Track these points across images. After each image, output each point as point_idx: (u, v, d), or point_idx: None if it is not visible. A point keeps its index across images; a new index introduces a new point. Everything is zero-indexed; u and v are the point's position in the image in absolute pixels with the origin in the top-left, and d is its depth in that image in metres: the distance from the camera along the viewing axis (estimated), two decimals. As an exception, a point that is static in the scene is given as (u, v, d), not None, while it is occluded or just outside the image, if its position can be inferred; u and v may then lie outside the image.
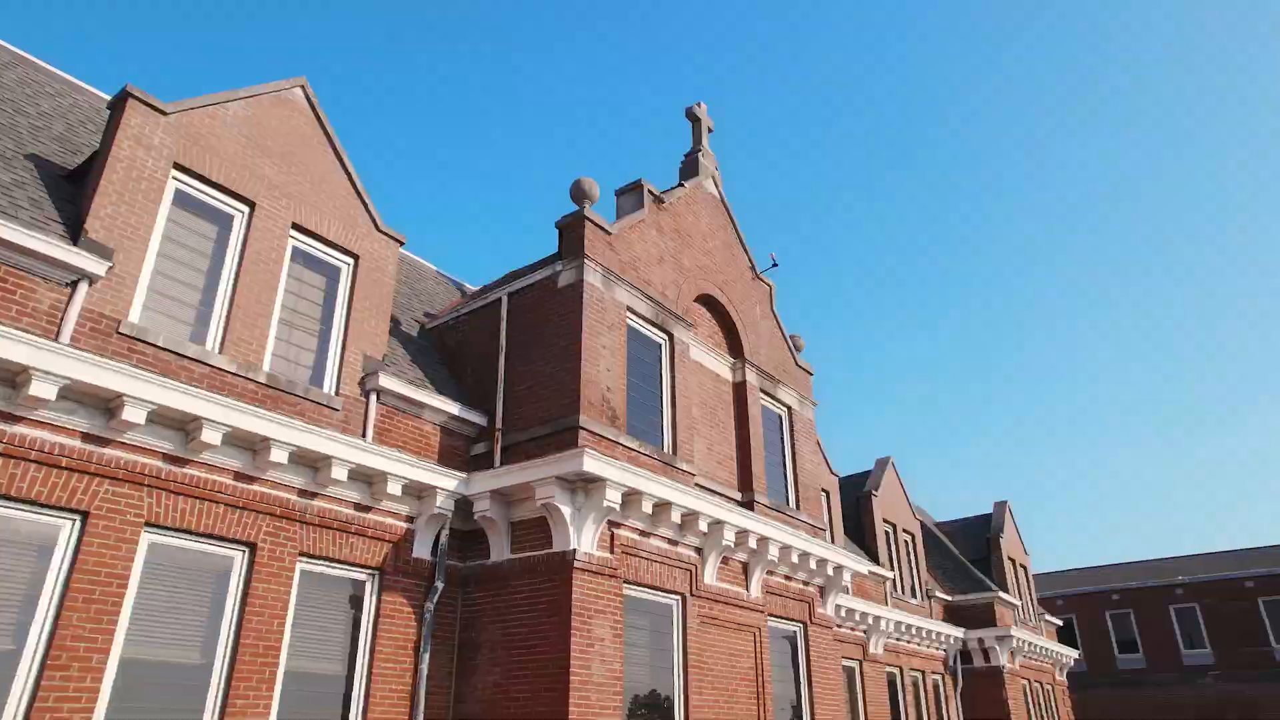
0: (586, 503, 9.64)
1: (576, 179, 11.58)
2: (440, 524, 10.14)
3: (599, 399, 10.41)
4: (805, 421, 15.18)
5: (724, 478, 12.86)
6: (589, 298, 10.78)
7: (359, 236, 10.61)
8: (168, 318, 8.45)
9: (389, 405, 10.26)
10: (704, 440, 12.69)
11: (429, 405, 10.58)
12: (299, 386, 9.25)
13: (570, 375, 10.36)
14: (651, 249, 12.42)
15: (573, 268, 10.98)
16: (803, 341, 15.83)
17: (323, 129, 10.62)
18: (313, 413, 9.35)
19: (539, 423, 10.47)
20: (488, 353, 11.66)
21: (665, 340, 12.21)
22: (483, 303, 12.05)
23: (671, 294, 12.55)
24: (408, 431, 10.42)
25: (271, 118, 10.03)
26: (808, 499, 14.44)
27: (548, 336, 10.89)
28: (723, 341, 14.02)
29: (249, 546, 8.36)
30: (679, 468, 11.41)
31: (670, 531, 10.84)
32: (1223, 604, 35.78)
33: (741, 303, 14.44)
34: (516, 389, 10.98)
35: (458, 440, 11.04)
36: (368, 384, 10.02)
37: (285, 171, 9.96)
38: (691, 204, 13.93)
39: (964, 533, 28.38)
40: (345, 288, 10.36)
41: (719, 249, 14.33)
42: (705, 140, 15.24)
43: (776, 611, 12.72)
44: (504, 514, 10.20)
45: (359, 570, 9.40)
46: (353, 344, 10.09)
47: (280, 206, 9.76)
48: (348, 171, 10.72)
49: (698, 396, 12.86)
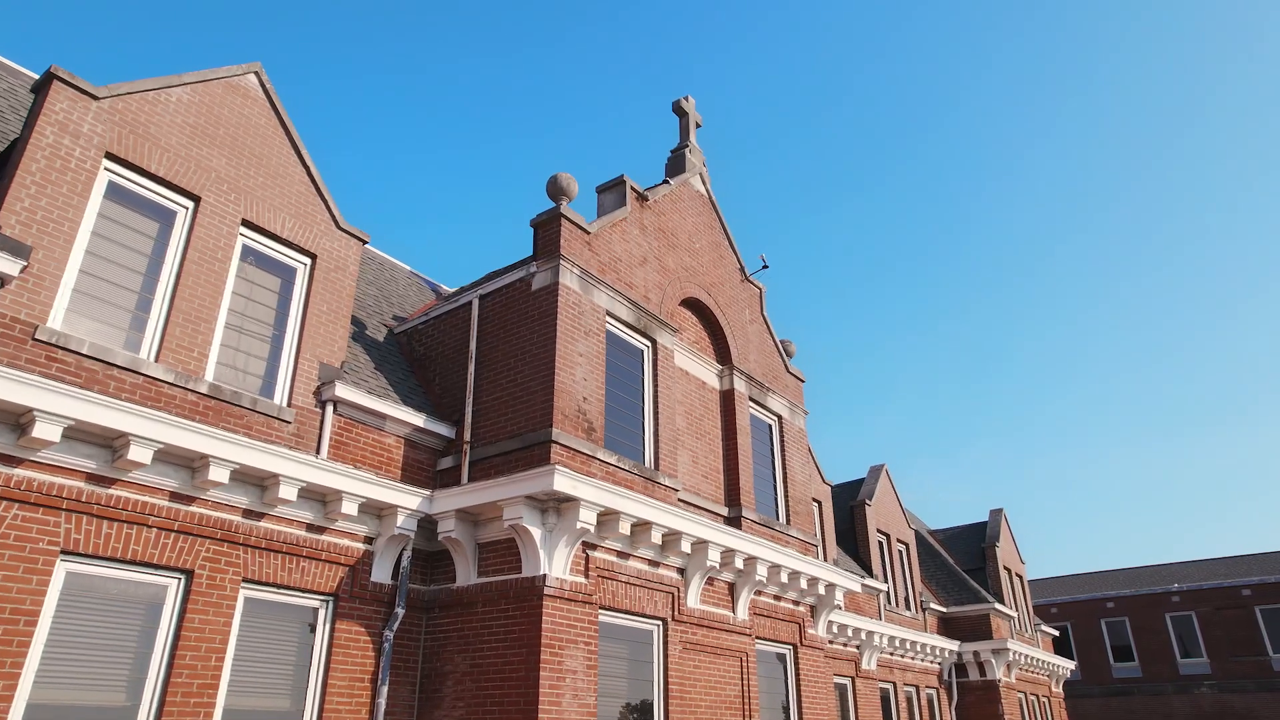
0: (559, 524, 8.92)
1: (554, 174, 10.87)
2: (402, 545, 9.41)
3: (574, 410, 9.69)
4: (796, 431, 14.49)
5: (710, 492, 12.16)
6: (565, 301, 10.07)
7: (317, 234, 9.87)
8: (96, 322, 7.70)
9: (347, 417, 9.52)
10: (689, 453, 11.99)
11: (391, 416, 9.85)
12: (246, 398, 8.51)
13: (543, 385, 9.65)
14: (634, 249, 11.71)
15: (547, 269, 10.26)
16: (794, 347, 15.15)
17: (279, 119, 9.88)
18: (261, 426, 8.61)
19: (509, 436, 9.75)
20: (457, 360, 10.93)
21: (647, 346, 11.50)
22: (453, 306, 11.32)
23: (655, 297, 11.84)
24: (367, 445, 9.69)
25: (222, 106, 9.29)
26: (798, 513, 13.75)
27: (520, 343, 10.17)
28: (709, 347, 13.32)
29: (185, 574, 7.62)
30: (661, 483, 10.70)
31: (651, 552, 10.14)
32: (1219, 612, 35.25)
33: (729, 306, 13.74)
34: (486, 399, 10.25)
35: (423, 454, 10.30)
36: (324, 394, 9.29)
37: (236, 164, 9.22)
38: (677, 202, 13.23)
39: (959, 541, 27.75)
40: (301, 290, 9.63)
41: (706, 250, 13.63)
42: (693, 135, 14.54)
43: (765, 634, 12.03)
44: (470, 534, 9.47)
45: (311, 596, 8.66)
46: (308, 351, 9.35)
47: (229, 202, 9.01)
48: (306, 165, 9.98)
49: (682, 406, 12.16)
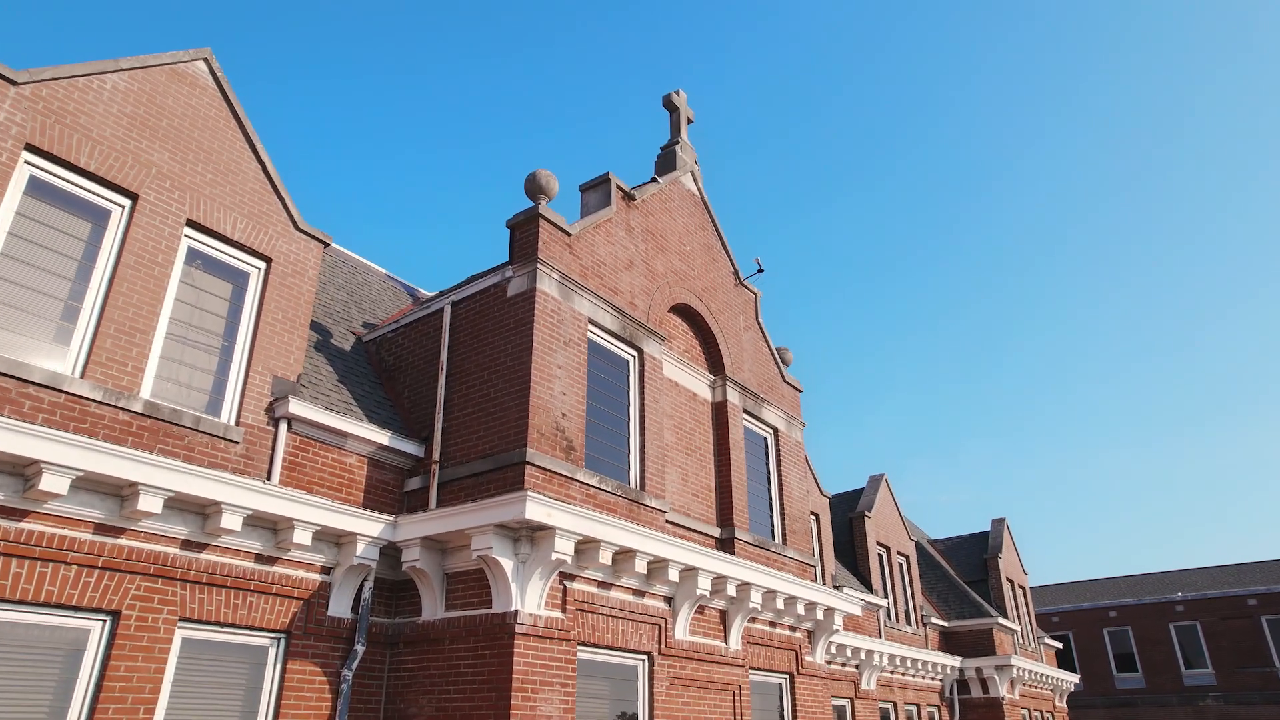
0: (533, 554, 8.14)
1: (532, 172, 10.09)
2: (362, 575, 8.63)
3: (551, 428, 8.91)
4: (793, 444, 13.72)
5: (701, 512, 11.38)
6: (542, 309, 9.28)
7: (273, 236, 9.08)
8: (11, 334, 6.90)
9: (303, 435, 8.73)
10: (678, 470, 11.21)
11: (352, 435, 9.06)
12: (187, 416, 7.71)
13: (517, 400, 8.86)
14: (619, 252, 10.93)
15: (524, 274, 9.48)
16: (791, 355, 14.38)
17: (231, 110, 9.09)
18: (205, 447, 7.81)
19: (480, 455, 8.96)
20: (427, 371, 10.15)
21: (634, 357, 10.72)
22: (424, 313, 10.53)
23: (642, 304, 11.06)
24: (326, 466, 8.89)
25: (165, 95, 8.50)
26: (795, 532, 12.98)
27: (494, 354, 9.38)
28: (701, 356, 12.54)
29: (110, 615, 6.82)
30: (647, 505, 9.92)
31: (636, 581, 9.36)
32: (1224, 622, 34.53)
33: (722, 313, 12.97)
34: (458, 414, 9.47)
35: (389, 474, 9.51)
36: (277, 411, 8.50)
37: (181, 159, 8.43)
38: (667, 202, 12.45)
39: (960, 551, 27.01)
40: (254, 296, 8.84)
41: (698, 252, 12.85)
42: (684, 131, 13.76)
43: (760, 664, 11.25)
44: (438, 564, 8.69)
45: (260, 634, 7.86)
46: (260, 363, 8.56)
47: (172, 200, 8.22)
48: (261, 160, 9.19)
49: (671, 420, 11.38)
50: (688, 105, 14.06)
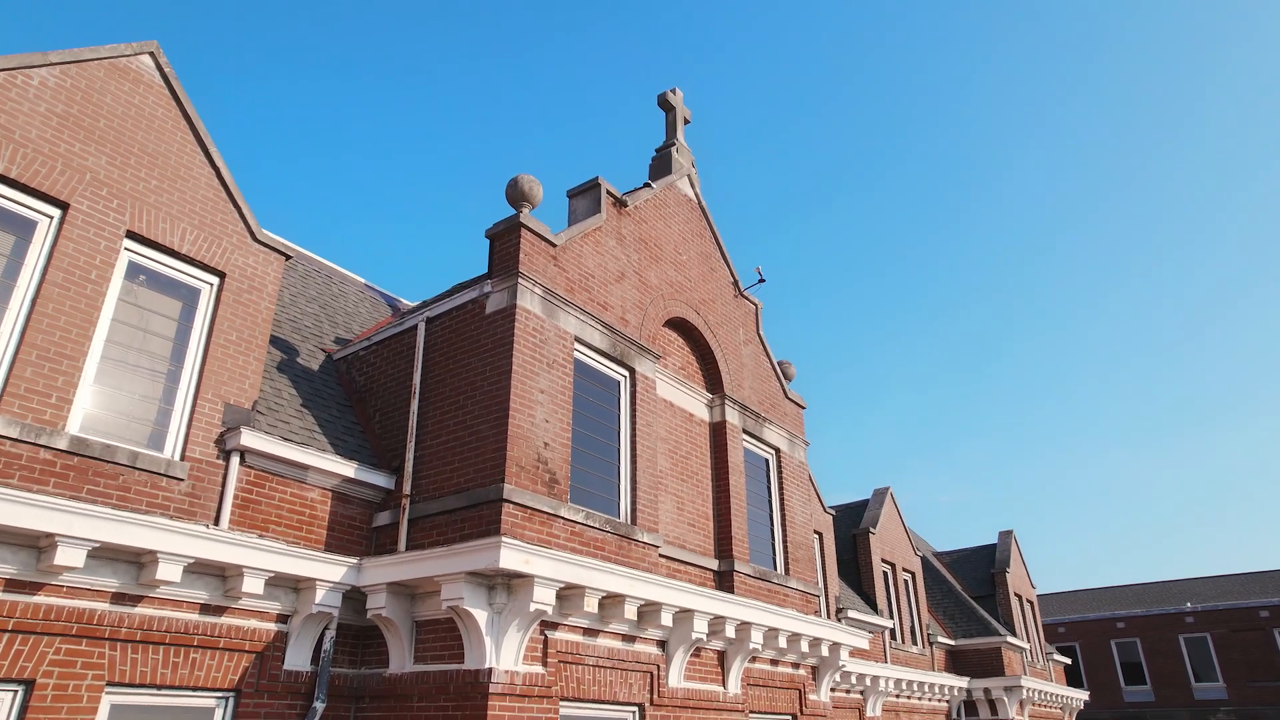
0: (510, 604, 7.33)
1: (514, 177, 9.28)
2: (324, 623, 7.81)
3: (531, 460, 8.09)
4: (796, 465, 12.90)
5: (697, 543, 10.56)
6: (523, 328, 8.47)
7: (227, 248, 8.26)
8: (-87, 365, 6.09)
9: (258, 469, 7.91)
10: (672, 498, 10.39)
11: (314, 467, 8.24)
12: (122, 452, 6.90)
13: (495, 429, 8.05)
14: (609, 263, 10.12)
15: (503, 289, 8.66)
16: (794, 369, 13.56)
17: (181, 109, 8.27)
18: (143, 487, 7.00)
19: (455, 490, 8.15)
20: (399, 394, 9.33)
21: (625, 377, 9.90)
22: (397, 330, 9.72)
23: (634, 319, 10.24)
24: (284, 502, 8.08)
25: (104, 93, 7.68)
26: (798, 560, 12.16)
27: (470, 377, 8.57)
28: (698, 373, 11.73)
29: (23, 685, 6.01)
30: (638, 540, 9.10)
31: (626, 627, 8.54)
32: (1236, 634, 33.71)
33: (721, 326, 12.15)
34: (431, 443, 8.65)
35: (355, 509, 8.70)
36: (228, 442, 7.68)
37: (121, 164, 7.61)
38: (661, 207, 11.63)
39: (966, 565, 26.20)
40: (205, 315, 8.02)
41: (694, 261, 12.03)
42: (680, 133, 12.94)
43: (760, 706, 10.44)
44: (406, 611, 7.87)
45: (204, 695, 7.04)
46: (211, 390, 7.74)
47: (109, 210, 7.41)
48: (215, 165, 8.38)
49: (666, 444, 10.56)
50: (684, 105, 13.24)
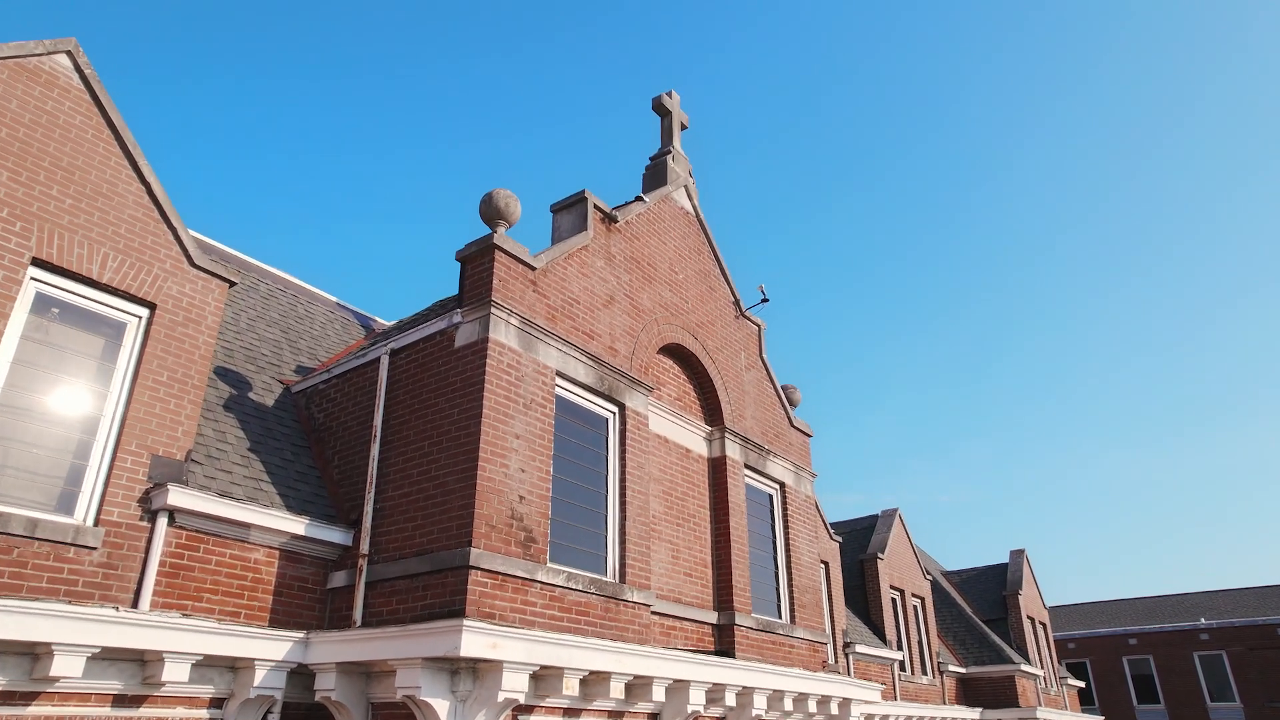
0: (476, 690, 6.34)
1: (488, 193, 8.29)
2: (265, 707, 6.82)
3: (504, 517, 7.10)
4: (802, 500, 11.91)
5: (694, 595, 9.57)
6: (496, 364, 7.47)
7: (158, 276, 7.26)
8: None
9: (192, 529, 6.92)
10: (667, 545, 9.40)
11: (258, 525, 7.25)
12: (18, 520, 5.91)
13: (463, 482, 7.05)
14: (597, 286, 9.12)
15: (475, 320, 7.67)
16: (799, 394, 12.56)
17: (104, 118, 7.27)
18: (44, 560, 6.01)
19: (417, 550, 7.16)
20: (360, 436, 8.34)
21: (614, 413, 8.91)
22: (358, 362, 8.72)
23: (624, 348, 9.25)
24: (222, 565, 7.08)
25: (8, 98, 6.69)
26: (805, 605, 11.16)
27: (436, 419, 7.57)
28: (695, 403, 10.73)
29: (-117, 812, 5.02)
30: (628, 601, 8.11)
31: (612, 704, 7.55)
32: (1252, 652, 32.71)
33: (720, 351, 11.15)
34: (393, 494, 7.66)
35: (307, 568, 7.70)
36: (154, 501, 6.69)
37: (28, 180, 6.62)
38: (655, 222, 10.63)
39: (977, 585, 25.20)
40: (130, 353, 7.02)
41: (692, 280, 11.03)
42: (677, 139, 11.95)
43: (764, 775, 9.44)
44: (360, 692, 6.88)
45: (119, 800, 6.05)
46: (135, 439, 6.75)
47: (11, 233, 6.42)
48: (144, 180, 7.38)
49: (660, 484, 9.57)
50: (681, 109, 12.25)
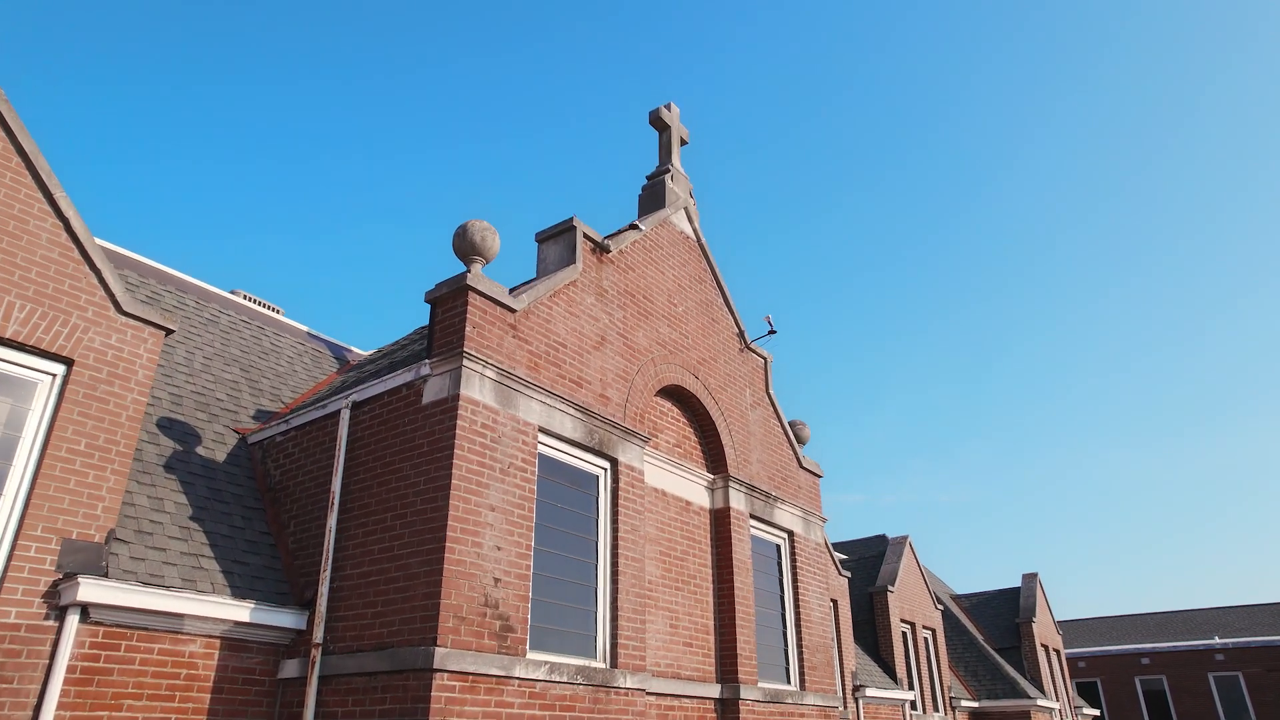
0: (438, 823, 5.37)
1: (462, 225, 7.34)
2: (196, 831, 5.86)
3: (476, 606, 6.14)
4: (812, 549, 10.95)
5: (694, 667, 8.62)
6: (469, 424, 6.52)
7: (77, 327, 6.31)
8: None
9: (111, 624, 5.96)
10: (664, 614, 8.44)
11: (193, 615, 6.29)
12: (-110, 631, 4.95)
13: (428, 565, 6.10)
14: (586, 326, 8.17)
15: (444, 374, 6.71)
16: (808, 431, 11.61)
17: (13, 142, 6.32)
18: (-77, 674, 5.05)
19: (375, 643, 6.20)
20: (317, 499, 7.39)
21: (605, 470, 7.96)
22: (318, 414, 7.77)
23: (617, 394, 8.30)
24: (149, 664, 6.12)
25: (-103, 126, 5.74)
26: (815, 666, 10.21)
27: (400, 487, 6.62)
28: (696, 449, 9.77)
29: None
30: (619, 688, 7.15)
31: (600, 815, 6.59)
32: (1270, 674, 31.72)
33: (724, 390, 10.19)
34: (352, 572, 6.71)
35: (254, 657, 6.74)
36: (63, 596, 5.73)
37: (-80, 221, 5.67)
38: (652, 250, 9.68)
39: (988, 610, 24.25)
40: (40, 418, 6.07)
41: (692, 313, 10.08)
42: (676, 156, 11.00)
43: None
44: (307, 814, 5.92)
45: None
46: (42, 521, 5.80)
47: (-105, 286, 5.46)
48: (63, 217, 6.43)
49: (657, 545, 8.61)
50: (681, 123, 11.30)
